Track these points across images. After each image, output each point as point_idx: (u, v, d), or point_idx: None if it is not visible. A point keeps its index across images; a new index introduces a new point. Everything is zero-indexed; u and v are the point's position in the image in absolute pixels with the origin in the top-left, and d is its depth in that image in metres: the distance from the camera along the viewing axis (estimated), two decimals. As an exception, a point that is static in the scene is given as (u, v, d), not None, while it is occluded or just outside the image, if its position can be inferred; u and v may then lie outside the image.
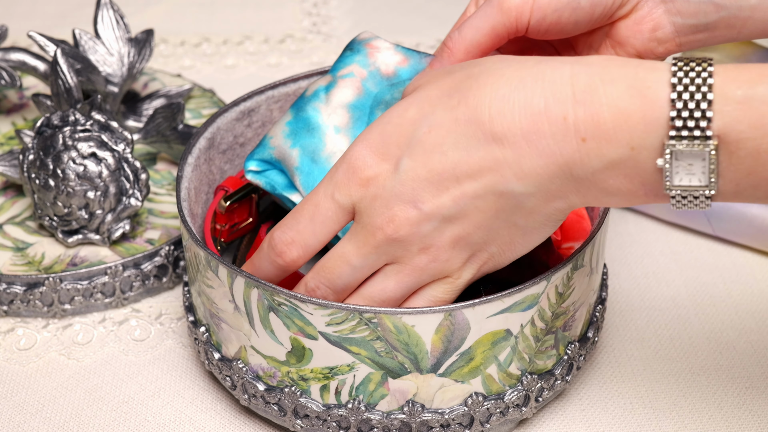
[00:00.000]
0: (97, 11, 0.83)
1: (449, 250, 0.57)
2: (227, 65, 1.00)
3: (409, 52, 0.66)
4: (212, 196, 0.73)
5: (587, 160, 0.52)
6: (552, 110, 0.52)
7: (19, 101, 0.89)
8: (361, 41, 0.67)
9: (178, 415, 0.68)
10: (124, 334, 0.74)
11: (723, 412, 0.68)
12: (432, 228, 0.56)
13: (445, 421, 0.62)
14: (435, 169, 0.55)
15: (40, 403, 0.69)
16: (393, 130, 0.56)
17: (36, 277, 0.73)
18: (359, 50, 0.66)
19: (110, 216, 0.75)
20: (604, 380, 0.70)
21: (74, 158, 0.73)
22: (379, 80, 0.65)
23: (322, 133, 0.65)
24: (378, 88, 0.65)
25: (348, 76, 0.65)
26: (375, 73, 0.65)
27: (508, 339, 0.60)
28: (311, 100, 0.65)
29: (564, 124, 0.52)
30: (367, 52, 0.66)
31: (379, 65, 0.65)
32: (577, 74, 0.52)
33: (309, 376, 0.61)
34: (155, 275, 0.75)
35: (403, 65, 0.65)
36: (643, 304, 0.75)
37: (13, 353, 0.72)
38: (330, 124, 0.64)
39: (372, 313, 0.58)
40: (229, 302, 0.62)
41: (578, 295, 0.63)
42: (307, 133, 0.65)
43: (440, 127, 0.55)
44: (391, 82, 0.65)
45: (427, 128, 0.55)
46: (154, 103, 0.86)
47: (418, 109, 0.56)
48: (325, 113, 0.65)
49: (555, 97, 0.52)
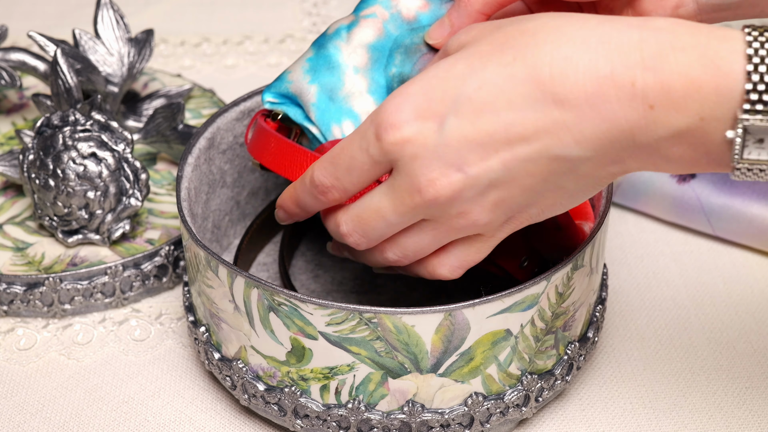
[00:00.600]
0: (97, 11, 0.83)
1: (490, 213, 0.55)
2: (227, 65, 1.00)
3: None
4: (212, 196, 0.73)
5: (653, 127, 0.50)
6: (619, 75, 0.49)
7: (19, 101, 0.89)
8: None
9: (178, 415, 0.68)
10: (124, 334, 0.74)
11: (723, 412, 0.68)
12: (475, 192, 0.53)
13: (445, 421, 0.62)
14: (485, 129, 0.52)
15: (40, 403, 0.69)
16: (438, 84, 0.52)
17: (36, 277, 0.73)
18: None
19: (110, 216, 0.75)
20: (604, 380, 0.70)
21: (74, 158, 0.73)
22: (400, 23, 0.65)
23: (342, 72, 0.64)
24: (398, 31, 0.65)
25: (370, 16, 0.65)
26: (396, 16, 0.65)
27: (508, 339, 0.60)
28: (333, 38, 0.65)
29: (632, 89, 0.49)
30: None
31: (401, 8, 0.65)
32: (646, 39, 0.49)
33: (309, 376, 0.61)
34: (155, 275, 0.75)
35: (424, 10, 0.65)
36: (643, 304, 0.75)
37: (13, 353, 0.72)
38: (350, 64, 0.64)
39: (372, 313, 0.58)
40: (229, 302, 0.62)
41: (578, 295, 0.63)
42: (327, 70, 0.64)
43: (493, 85, 0.51)
44: (412, 26, 0.65)
45: (478, 85, 0.51)
46: (154, 103, 0.86)
47: (467, 64, 0.52)
48: (345, 52, 0.64)
49: (623, 61, 0.49)
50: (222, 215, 0.75)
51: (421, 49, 0.63)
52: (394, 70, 0.63)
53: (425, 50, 0.63)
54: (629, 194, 0.81)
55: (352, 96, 0.64)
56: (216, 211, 0.74)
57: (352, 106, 0.63)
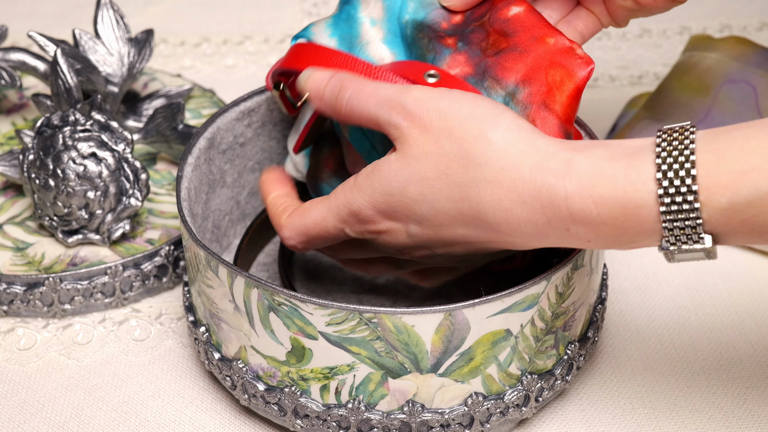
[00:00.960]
0: (97, 11, 0.83)
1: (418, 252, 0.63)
2: (227, 65, 1.00)
3: None
4: (212, 196, 0.73)
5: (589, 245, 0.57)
6: (555, 224, 0.56)
7: (19, 101, 0.89)
8: None
9: (178, 415, 0.68)
10: (124, 334, 0.74)
11: (723, 412, 0.68)
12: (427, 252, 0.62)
13: (445, 421, 0.62)
14: (444, 237, 0.59)
15: (40, 403, 0.69)
16: (397, 203, 0.59)
17: (36, 277, 0.73)
18: None
19: (110, 216, 0.75)
20: (604, 380, 0.70)
21: (74, 158, 0.73)
22: None
23: (359, 24, 0.67)
24: None
25: None
26: None
27: (508, 339, 0.60)
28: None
29: (567, 233, 0.56)
30: None
31: None
32: (571, 196, 0.54)
33: (309, 376, 0.61)
34: (155, 275, 0.75)
35: None
36: (643, 304, 0.75)
37: (13, 353, 0.72)
38: (367, 17, 0.67)
39: (372, 313, 0.58)
40: (229, 302, 0.62)
41: (578, 295, 0.63)
42: (346, 23, 0.67)
43: (445, 214, 0.58)
44: None
45: (433, 212, 0.58)
46: (154, 103, 0.86)
47: (419, 192, 0.58)
48: (363, 6, 0.67)
49: (556, 215, 0.55)
50: (222, 215, 0.75)
51: (434, 2, 0.66)
52: (408, 17, 0.66)
53: (436, 7, 0.66)
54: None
55: (369, 44, 0.67)
56: (216, 211, 0.74)
57: (369, 53, 0.66)
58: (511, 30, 0.64)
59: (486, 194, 0.56)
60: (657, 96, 0.82)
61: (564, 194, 0.55)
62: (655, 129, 0.79)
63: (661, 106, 0.81)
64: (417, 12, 0.66)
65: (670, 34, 1.03)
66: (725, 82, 0.80)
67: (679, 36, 1.03)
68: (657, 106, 0.81)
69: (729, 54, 0.81)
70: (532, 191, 0.55)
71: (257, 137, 0.75)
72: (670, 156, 0.53)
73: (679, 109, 0.80)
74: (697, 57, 0.82)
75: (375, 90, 0.60)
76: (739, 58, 0.81)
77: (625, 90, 0.96)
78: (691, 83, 0.81)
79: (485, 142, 0.56)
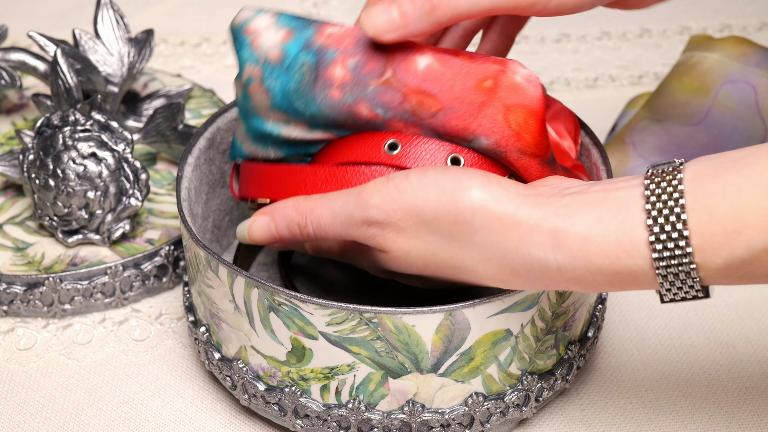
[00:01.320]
0: (97, 11, 0.83)
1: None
2: (227, 65, 1.00)
3: (293, 21, 0.61)
4: (212, 196, 0.73)
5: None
6: (551, 285, 0.56)
7: (19, 101, 0.89)
8: (239, 27, 0.62)
9: (178, 415, 0.68)
10: (124, 334, 0.74)
11: (723, 412, 0.68)
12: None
13: (445, 421, 0.62)
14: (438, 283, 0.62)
15: (40, 403, 0.69)
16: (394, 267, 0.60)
17: (36, 277, 0.73)
18: (242, 41, 0.61)
19: (110, 216, 0.75)
20: (604, 380, 0.70)
21: (74, 158, 0.73)
22: (275, 71, 0.61)
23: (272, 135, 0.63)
24: (279, 81, 0.61)
25: (250, 82, 0.62)
26: (267, 65, 0.61)
27: (509, 339, 0.60)
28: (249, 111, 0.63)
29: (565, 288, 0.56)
30: (249, 41, 0.61)
31: (267, 53, 0.61)
32: (564, 267, 0.54)
33: (309, 376, 0.61)
34: (155, 275, 0.75)
35: (288, 40, 0.60)
36: (643, 304, 0.75)
37: (13, 353, 0.72)
38: (274, 127, 0.63)
39: (372, 313, 0.58)
40: (229, 302, 0.62)
41: (578, 294, 0.63)
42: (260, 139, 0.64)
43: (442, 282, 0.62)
44: (284, 66, 0.61)
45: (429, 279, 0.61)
46: (154, 103, 0.86)
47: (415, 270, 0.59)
48: (265, 120, 0.63)
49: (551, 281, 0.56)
50: (222, 215, 0.75)
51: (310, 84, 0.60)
52: (308, 114, 0.61)
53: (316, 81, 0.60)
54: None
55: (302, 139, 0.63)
56: (216, 211, 0.74)
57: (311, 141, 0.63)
58: (434, 88, 0.59)
59: (479, 270, 0.57)
60: (657, 96, 0.82)
61: (556, 266, 0.54)
62: (656, 129, 0.79)
63: (661, 106, 0.81)
64: (308, 106, 0.61)
65: (670, 34, 1.03)
66: (725, 82, 0.80)
67: (679, 36, 1.03)
68: (657, 106, 0.81)
69: (729, 54, 0.81)
70: (523, 265, 0.55)
71: (257, 137, 0.75)
72: (661, 215, 0.52)
73: (679, 109, 0.80)
74: (697, 57, 0.82)
75: (332, 214, 0.59)
76: (739, 58, 0.81)
77: (625, 90, 0.96)
78: (691, 83, 0.81)
79: (465, 226, 0.56)
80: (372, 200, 0.57)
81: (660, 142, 0.79)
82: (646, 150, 0.79)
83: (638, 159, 0.79)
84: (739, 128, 0.78)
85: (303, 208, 0.60)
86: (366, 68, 0.59)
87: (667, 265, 0.52)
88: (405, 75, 0.59)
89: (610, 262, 0.53)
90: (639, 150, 0.79)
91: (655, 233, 0.52)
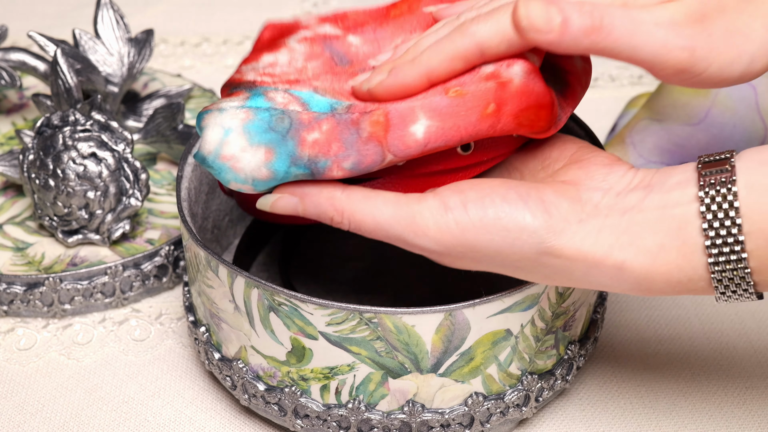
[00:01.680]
0: (97, 11, 0.83)
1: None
2: (227, 65, 1.00)
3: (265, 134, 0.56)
4: (212, 196, 0.73)
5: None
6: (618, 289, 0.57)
7: (19, 101, 0.89)
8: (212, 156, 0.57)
9: (178, 415, 0.68)
10: (124, 334, 0.74)
11: (723, 412, 0.68)
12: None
13: (445, 421, 0.62)
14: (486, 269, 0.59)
15: (40, 403, 0.69)
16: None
17: (36, 277, 0.73)
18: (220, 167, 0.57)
19: (110, 216, 0.75)
20: (604, 380, 0.70)
21: (74, 158, 0.73)
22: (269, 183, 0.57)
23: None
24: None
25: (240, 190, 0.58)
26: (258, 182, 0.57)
27: (509, 339, 0.60)
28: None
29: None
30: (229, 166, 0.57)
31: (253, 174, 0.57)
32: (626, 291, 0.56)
33: (309, 376, 0.61)
34: (155, 275, 0.75)
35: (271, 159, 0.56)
36: (643, 304, 0.75)
37: (13, 353, 0.72)
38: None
39: (372, 313, 0.58)
40: (229, 302, 0.62)
41: (578, 295, 0.63)
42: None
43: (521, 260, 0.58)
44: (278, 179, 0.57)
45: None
46: (154, 103, 0.86)
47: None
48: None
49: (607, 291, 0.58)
50: (222, 215, 0.75)
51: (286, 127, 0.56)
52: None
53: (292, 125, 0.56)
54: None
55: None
56: (216, 211, 0.74)
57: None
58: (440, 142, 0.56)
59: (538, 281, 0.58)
60: (657, 96, 0.82)
61: (619, 290, 0.56)
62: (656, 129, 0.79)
63: (661, 106, 0.81)
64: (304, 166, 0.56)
65: (670, 34, 1.03)
66: (725, 82, 0.80)
67: (679, 36, 1.03)
68: (657, 106, 0.81)
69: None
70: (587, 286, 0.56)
71: (257, 137, 0.75)
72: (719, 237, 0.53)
73: (679, 109, 0.80)
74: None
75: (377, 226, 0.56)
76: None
77: (625, 90, 0.96)
78: (691, 83, 0.81)
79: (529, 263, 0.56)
80: (429, 232, 0.55)
81: (660, 142, 0.79)
82: (646, 150, 0.79)
83: (638, 159, 0.79)
84: (739, 128, 0.78)
85: (340, 206, 0.57)
86: (364, 164, 0.56)
87: (726, 286, 0.54)
88: (407, 150, 0.56)
89: (671, 287, 0.55)
90: (639, 150, 0.79)
91: (714, 255, 0.53)
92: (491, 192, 0.55)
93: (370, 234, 0.57)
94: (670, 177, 0.55)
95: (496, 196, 0.55)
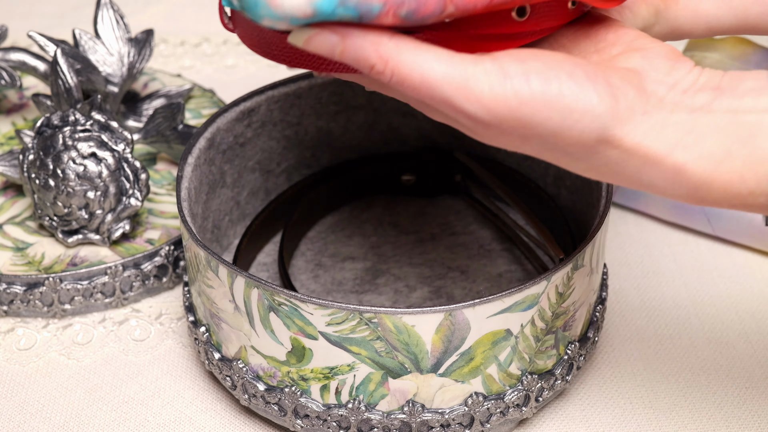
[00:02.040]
0: (97, 11, 0.83)
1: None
2: (227, 65, 1.00)
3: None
4: (212, 196, 0.73)
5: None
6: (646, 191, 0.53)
7: (19, 101, 0.89)
8: None
9: (178, 416, 0.68)
10: (124, 334, 0.74)
11: (723, 412, 0.68)
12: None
13: (445, 421, 0.62)
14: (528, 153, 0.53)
15: (40, 403, 0.69)
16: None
17: (36, 277, 0.73)
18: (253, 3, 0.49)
19: (110, 216, 0.75)
20: (604, 380, 0.70)
21: (74, 158, 0.73)
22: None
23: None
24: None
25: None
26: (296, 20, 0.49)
27: (509, 339, 0.60)
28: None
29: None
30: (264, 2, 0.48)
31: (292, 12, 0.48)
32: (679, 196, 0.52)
33: (309, 376, 0.61)
34: (155, 275, 0.75)
35: None
36: (643, 304, 0.75)
37: (13, 353, 0.72)
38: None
39: (372, 313, 0.58)
40: (229, 302, 0.62)
41: (578, 295, 0.63)
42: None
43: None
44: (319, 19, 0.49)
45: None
46: (154, 103, 0.86)
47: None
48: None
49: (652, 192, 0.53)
50: (222, 215, 0.75)
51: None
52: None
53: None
54: (629, 194, 0.81)
55: None
56: (216, 211, 0.74)
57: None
58: None
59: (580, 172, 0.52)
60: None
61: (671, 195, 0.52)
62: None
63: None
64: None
65: (670, 34, 1.03)
66: (725, 82, 0.80)
67: (679, 36, 1.03)
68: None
69: (729, 54, 0.81)
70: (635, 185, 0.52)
71: (257, 137, 0.75)
72: None
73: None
74: (697, 57, 0.82)
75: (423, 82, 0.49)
76: (739, 58, 0.81)
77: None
78: (691, 83, 0.81)
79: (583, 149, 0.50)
80: (482, 98, 0.49)
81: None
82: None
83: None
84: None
85: (386, 53, 0.49)
86: (422, 13, 0.49)
87: None
88: (470, 2, 0.49)
89: (727, 199, 0.51)
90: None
91: None
92: (557, 66, 0.50)
93: (412, 91, 0.50)
94: (743, 82, 0.51)
95: (561, 71, 0.49)
